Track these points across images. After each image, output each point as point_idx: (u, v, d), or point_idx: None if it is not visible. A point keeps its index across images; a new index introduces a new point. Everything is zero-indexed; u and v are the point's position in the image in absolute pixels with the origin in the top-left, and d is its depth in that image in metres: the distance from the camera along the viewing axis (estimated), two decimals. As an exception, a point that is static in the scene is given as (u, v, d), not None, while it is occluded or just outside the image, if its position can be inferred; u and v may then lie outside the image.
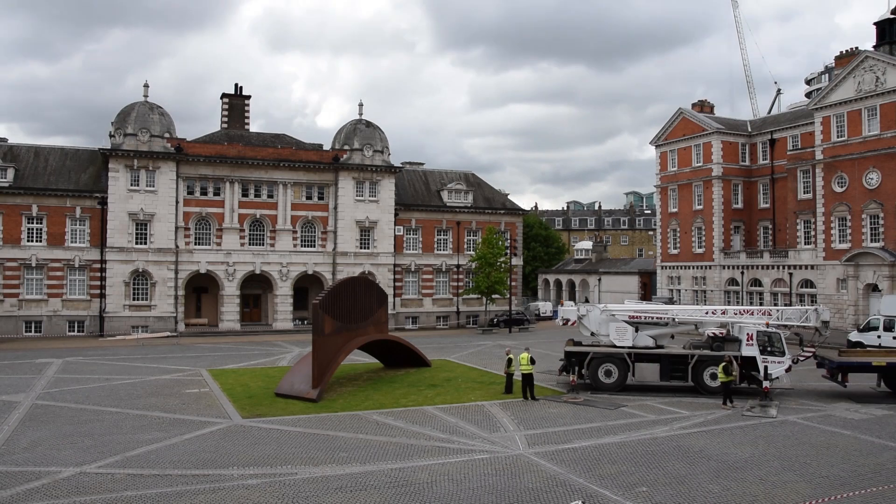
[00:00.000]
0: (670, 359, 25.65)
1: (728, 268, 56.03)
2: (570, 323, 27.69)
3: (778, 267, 51.62)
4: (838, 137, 47.07)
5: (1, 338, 44.93)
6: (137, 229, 48.69)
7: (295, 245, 52.92)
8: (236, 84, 60.08)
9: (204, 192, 50.75)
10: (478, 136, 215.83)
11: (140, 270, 48.54)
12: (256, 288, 53.39)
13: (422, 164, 62.97)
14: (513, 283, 57.32)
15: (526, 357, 24.53)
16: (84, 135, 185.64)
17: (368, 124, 55.47)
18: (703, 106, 61.73)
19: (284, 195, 52.35)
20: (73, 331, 48.00)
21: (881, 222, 44.28)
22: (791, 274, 50.33)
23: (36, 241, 47.46)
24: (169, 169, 49.23)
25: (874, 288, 44.34)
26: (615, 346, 26.08)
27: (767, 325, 25.36)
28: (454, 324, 57.98)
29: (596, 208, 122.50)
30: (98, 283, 48.23)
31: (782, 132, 55.77)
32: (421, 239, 57.14)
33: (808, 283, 49.27)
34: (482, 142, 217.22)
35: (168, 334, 46.78)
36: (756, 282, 53.54)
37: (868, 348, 32.47)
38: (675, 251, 60.99)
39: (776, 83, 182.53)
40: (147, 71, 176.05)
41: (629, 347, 25.90)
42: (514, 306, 58.19)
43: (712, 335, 26.42)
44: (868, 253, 44.36)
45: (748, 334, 25.02)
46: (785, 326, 26.86)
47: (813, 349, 25.94)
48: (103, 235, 48.17)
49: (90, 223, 48.42)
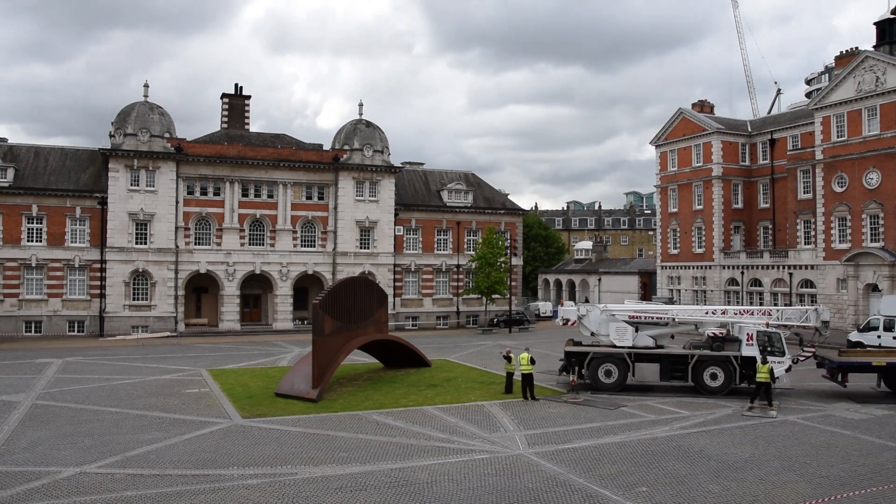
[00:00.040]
0: (670, 359, 25.63)
1: (728, 268, 56.03)
2: (570, 323, 27.69)
3: (778, 267, 51.62)
4: (838, 137, 47.07)
5: (1, 338, 44.94)
6: (137, 229, 48.70)
7: (295, 245, 52.92)
8: (236, 84, 60.13)
9: (204, 192, 50.76)
10: (477, 137, 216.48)
11: (140, 270, 48.54)
12: (256, 288, 53.39)
13: (422, 164, 62.97)
14: (513, 283, 57.33)
15: (526, 357, 24.55)
16: (85, 136, 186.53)
17: (368, 124, 55.47)
18: (703, 106, 61.71)
19: (284, 195, 52.36)
20: (73, 331, 48.00)
21: (881, 222, 44.28)
22: (791, 274, 50.34)
23: (36, 241, 47.47)
24: (169, 169, 49.24)
25: (874, 288, 44.34)
26: (615, 346, 26.07)
27: (767, 325, 25.37)
28: (454, 324, 57.98)
29: (596, 208, 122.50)
30: (98, 283, 48.23)
31: (782, 132, 55.78)
32: (421, 239, 57.14)
33: (808, 283, 49.28)
34: (481, 142, 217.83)
35: (168, 334, 46.76)
36: (756, 282, 53.54)
37: (868, 348, 32.47)
38: (675, 251, 60.99)
39: (776, 83, 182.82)
40: (149, 73, 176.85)
41: (629, 347, 25.89)
42: (514, 306, 58.20)
43: (712, 335, 26.41)
44: (868, 253, 44.36)
45: (748, 334, 25.00)
46: (785, 326, 26.86)
47: (813, 349, 25.95)
48: (103, 235, 48.17)
49: (90, 223, 48.42)
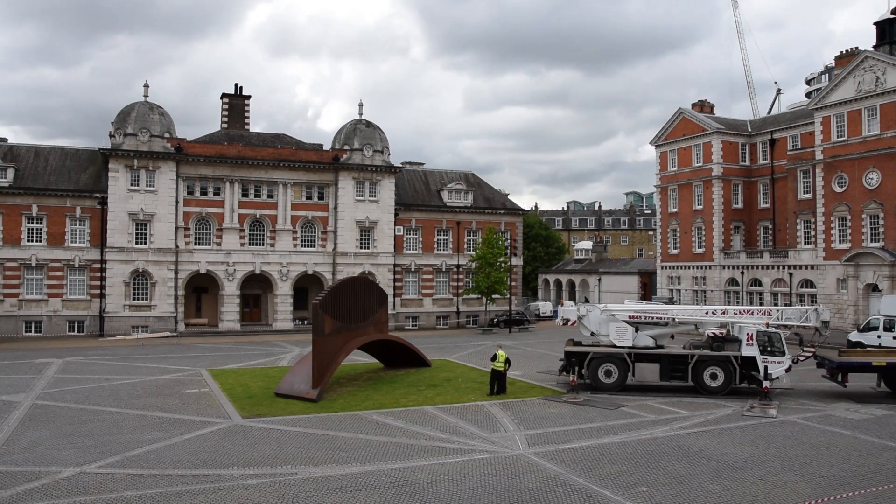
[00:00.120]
0: (670, 359, 25.62)
1: (728, 268, 56.03)
2: (570, 323, 27.69)
3: (778, 267, 51.62)
4: (838, 137, 47.07)
5: (1, 338, 44.94)
6: (137, 229, 48.70)
7: (295, 245, 52.92)
8: (236, 84, 60.16)
9: (204, 192, 50.76)
10: (475, 139, 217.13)
11: (140, 270, 48.54)
12: (256, 288, 53.39)
13: (422, 165, 62.96)
14: (513, 283, 57.32)
15: (503, 356, 25.17)
16: (87, 137, 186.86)
17: (368, 124, 55.46)
18: (703, 106, 61.69)
19: (284, 195, 52.35)
20: (73, 331, 48.00)
21: (881, 222, 44.28)
22: (791, 274, 50.33)
23: (36, 241, 47.47)
24: (169, 169, 49.23)
25: (874, 288, 44.34)
26: (615, 346, 26.07)
27: (767, 325, 25.37)
28: (454, 324, 57.98)
29: (596, 208, 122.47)
30: (98, 283, 48.23)
31: (782, 132, 55.78)
32: (421, 239, 57.14)
33: (808, 283, 49.27)
34: (479, 144, 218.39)
35: (168, 334, 46.77)
36: (756, 282, 53.54)
37: (868, 348, 32.45)
38: (675, 251, 60.99)
39: (776, 83, 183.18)
40: (154, 77, 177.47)
41: (629, 347, 25.89)
42: (514, 306, 58.19)
43: (712, 335, 26.41)
44: (868, 253, 44.36)
45: (748, 334, 24.99)
46: (785, 326, 26.86)
47: (813, 349, 25.94)
48: (103, 235, 48.17)
49: (90, 223, 48.42)
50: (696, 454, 17.02)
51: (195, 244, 50.37)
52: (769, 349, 24.80)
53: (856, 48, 48.48)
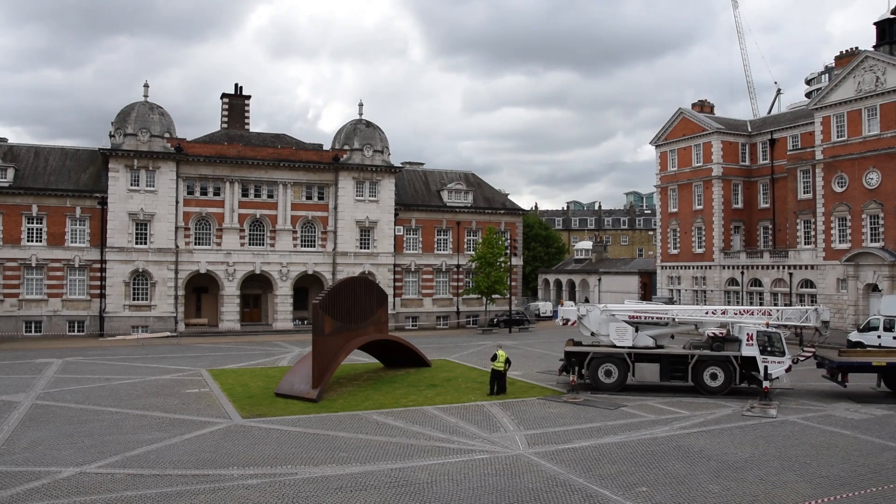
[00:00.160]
0: (670, 359, 25.63)
1: (728, 268, 56.03)
2: (570, 323, 27.69)
3: (778, 267, 51.62)
4: (838, 137, 47.07)
5: (1, 338, 44.94)
6: (137, 229, 48.69)
7: (295, 245, 52.92)
8: (236, 84, 60.22)
9: (204, 192, 50.75)
10: (474, 139, 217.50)
11: (140, 270, 48.54)
12: (256, 288, 53.39)
13: (422, 165, 62.96)
14: (513, 283, 57.32)
15: (503, 356, 25.22)
16: (89, 138, 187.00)
17: (368, 124, 55.45)
18: (703, 106, 61.67)
19: (284, 195, 52.35)
20: (73, 331, 48.00)
21: (881, 222, 44.28)
22: (791, 274, 50.33)
23: (36, 241, 47.47)
24: (169, 169, 49.23)
25: (874, 288, 44.34)
26: (615, 346, 26.07)
27: (767, 325, 25.37)
28: (454, 324, 57.97)
29: (596, 208, 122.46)
30: (98, 283, 48.23)
31: (782, 132, 55.77)
32: (421, 239, 57.14)
33: (808, 283, 49.27)
34: (478, 144, 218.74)
35: (168, 334, 46.78)
36: (756, 282, 53.53)
37: (868, 348, 32.46)
38: (675, 251, 60.99)
39: (776, 83, 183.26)
40: (157, 79, 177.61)
41: (629, 347, 25.89)
42: (514, 306, 58.19)
43: (712, 335, 26.41)
44: (868, 253, 44.36)
45: (748, 334, 24.99)
46: (785, 326, 26.85)
47: (813, 349, 25.95)
48: (103, 235, 48.17)
49: (90, 223, 48.42)
50: (696, 454, 17.02)
51: (195, 244, 50.36)
52: (769, 349, 24.80)
53: (856, 48, 48.47)
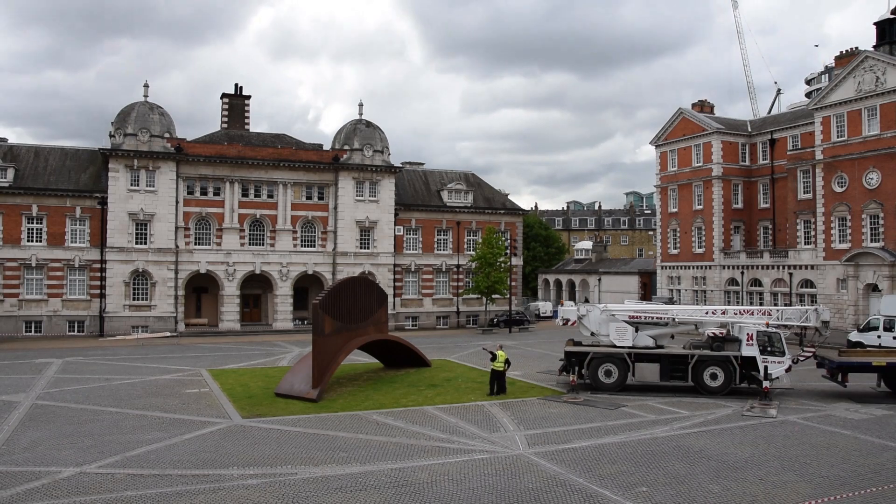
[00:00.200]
0: (670, 359, 25.63)
1: (728, 268, 56.03)
2: (570, 323, 27.69)
3: (778, 267, 51.61)
4: (838, 137, 47.07)
5: (1, 338, 44.94)
6: (137, 229, 48.69)
7: (295, 245, 52.92)
8: (236, 84, 60.16)
9: (204, 192, 50.75)
10: (472, 140, 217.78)
11: (140, 270, 48.54)
12: (256, 288, 53.39)
13: (422, 165, 62.96)
14: (513, 283, 57.31)
15: (503, 356, 25.25)
16: (90, 139, 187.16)
17: (368, 124, 55.45)
18: (703, 106, 61.67)
19: (284, 195, 52.35)
20: (73, 331, 47.99)
21: (881, 222, 44.28)
22: (791, 274, 50.33)
23: (36, 241, 47.46)
24: (169, 169, 49.23)
25: (874, 288, 44.34)
26: (615, 346, 26.07)
27: (767, 325, 25.37)
28: (454, 324, 57.97)
29: (596, 208, 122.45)
30: (98, 283, 48.23)
31: (782, 132, 55.77)
32: (421, 239, 57.14)
33: (808, 283, 49.27)
34: (478, 145, 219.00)
35: (168, 334, 46.76)
36: (756, 282, 53.53)
37: (868, 348, 32.46)
38: (675, 251, 60.99)
39: (776, 83, 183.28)
40: (157, 80, 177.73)
41: (629, 347, 25.89)
42: (514, 306, 58.19)
43: (712, 335, 26.41)
44: (868, 253, 44.36)
45: (748, 334, 24.99)
46: (785, 326, 26.85)
47: (813, 349, 25.95)
48: (103, 235, 48.16)
49: (90, 223, 48.41)
50: (696, 454, 17.02)
51: (195, 244, 50.36)
52: (769, 349, 24.80)
53: (856, 48, 48.47)
